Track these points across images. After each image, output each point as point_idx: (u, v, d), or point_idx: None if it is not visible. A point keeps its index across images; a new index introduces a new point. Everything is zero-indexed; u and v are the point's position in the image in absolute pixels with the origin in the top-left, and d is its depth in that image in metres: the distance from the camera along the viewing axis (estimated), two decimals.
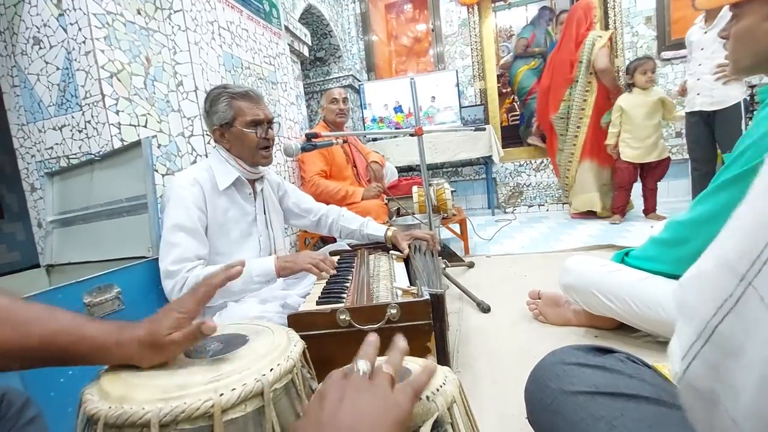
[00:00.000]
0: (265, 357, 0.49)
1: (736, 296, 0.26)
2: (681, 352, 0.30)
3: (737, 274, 0.26)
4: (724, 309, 0.27)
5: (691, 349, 0.29)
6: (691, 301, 0.30)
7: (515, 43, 4.18)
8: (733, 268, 0.26)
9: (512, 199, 3.99)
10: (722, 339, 0.27)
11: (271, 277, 1.11)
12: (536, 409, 0.61)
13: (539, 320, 1.43)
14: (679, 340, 0.31)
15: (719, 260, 0.28)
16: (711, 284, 0.29)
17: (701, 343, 0.28)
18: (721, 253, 0.29)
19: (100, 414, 0.41)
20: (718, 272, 0.28)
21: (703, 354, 0.28)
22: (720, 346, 0.27)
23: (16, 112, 1.55)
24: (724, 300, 0.27)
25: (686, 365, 0.30)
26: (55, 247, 1.50)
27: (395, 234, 1.37)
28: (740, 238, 0.27)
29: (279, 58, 2.51)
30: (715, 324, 0.27)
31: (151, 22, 1.56)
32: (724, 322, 0.27)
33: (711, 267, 0.29)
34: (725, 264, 0.28)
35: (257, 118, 1.21)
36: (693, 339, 0.29)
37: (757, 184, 0.28)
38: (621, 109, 2.83)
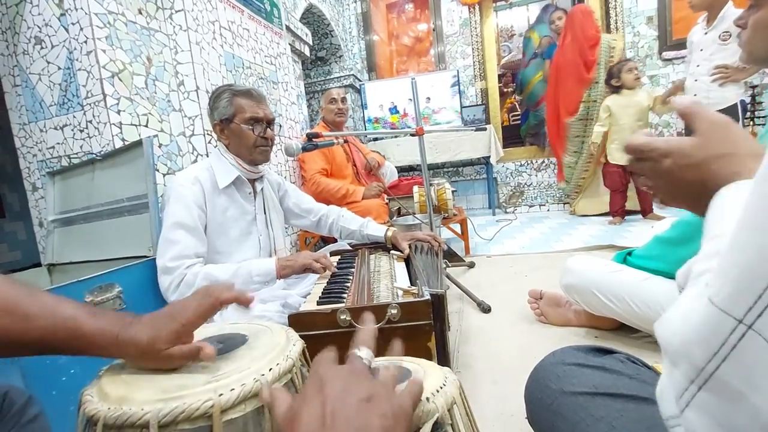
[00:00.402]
0: (264, 357, 0.49)
1: (732, 342, 0.25)
2: (675, 394, 0.29)
3: (733, 317, 0.25)
4: (721, 354, 0.25)
5: (683, 396, 0.28)
6: (680, 344, 0.29)
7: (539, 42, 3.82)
8: (727, 311, 0.25)
9: (513, 199, 3.99)
10: (721, 386, 0.25)
11: (271, 278, 1.11)
12: (536, 410, 0.61)
13: (540, 320, 1.43)
14: (669, 386, 0.30)
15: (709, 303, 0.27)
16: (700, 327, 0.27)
17: (696, 388, 0.27)
18: (710, 294, 0.27)
19: (100, 415, 0.41)
20: (709, 315, 0.26)
21: (699, 400, 0.27)
22: (719, 393, 0.26)
23: (17, 112, 1.55)
24: (720, 345, 0.25)
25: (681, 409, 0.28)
26: (57, 247, 1.50)
27: (395, 234, 1.37)
28: (731, 279, 0.25)
29: (280, 57, 2.51)
30: (711, 370, 0.26)
31: (153, 21, 1.56)
32: (722, 368, 0.25)
33: (698, 308, 0.27)
34: (716, 307, 0.26)
35: (256, 116, 1.21)
36: (686, 384, 0.27)
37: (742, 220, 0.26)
38: (609, 110, 2.81)
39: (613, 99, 2.81)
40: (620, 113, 2.76)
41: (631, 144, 0.45)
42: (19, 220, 3.60)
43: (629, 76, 2.71)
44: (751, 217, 0.25)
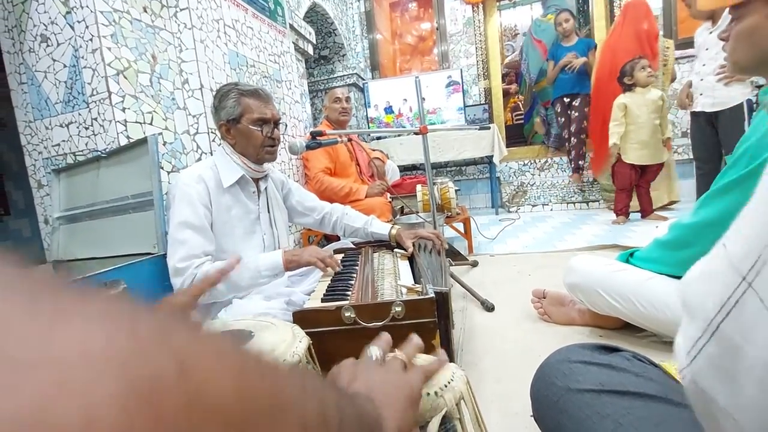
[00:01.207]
0: (271, 353, 0.49)
1: (736, 297, 0.26)
2: (686, 347, 0.31)
3: (740, 274, 0.26)
4: (726, 308, 0.27)
5: (695, 346, 0.30)
6: (696, 298, 0.31)
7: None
8: (737, 268, 0.27)
9: (516, 198, 3.98)
10: (724, 338, 0.27)
11: (279, 271, 1.11)
12: (542, 407, 0.61)
13: (544, 319, 1.42)
14: (684, 336, 0.32)
15: (724, 259, 0.28)
16: (715, 282, 0.29)
17: (705, 339, 0.29)
18: (726, 252, 0.29)
19: None
20: (723, 270, 0.28)
21: (706, 351, 0.29)
22: (722, 345, 0.27)
23: (23, 109, 1.56)
24: (726, 298, 0.27)
25: (690, 360, 0.30)
26: (62, 244, 1.51)
27: (399, 232, 1.37)
28: (743, 238, 0.27)
29: (284, 56, 2.51)
30: (718, 322, 0.27)
31: (157, 19, 1.57)
32: (726, 321, 0.27)
33: (716, 265, 0.29)
34: (729, 263, 0.28)
35: (264, 117, 1.21)
36: (698, 335, 0.29)
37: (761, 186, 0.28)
38: (625, 108, 2.76)
39: (628, 97, 2.76)
40: (638, 111, 2.73)
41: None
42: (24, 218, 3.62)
43: (642, 74, 2.69)
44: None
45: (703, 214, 0.99)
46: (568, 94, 3.50)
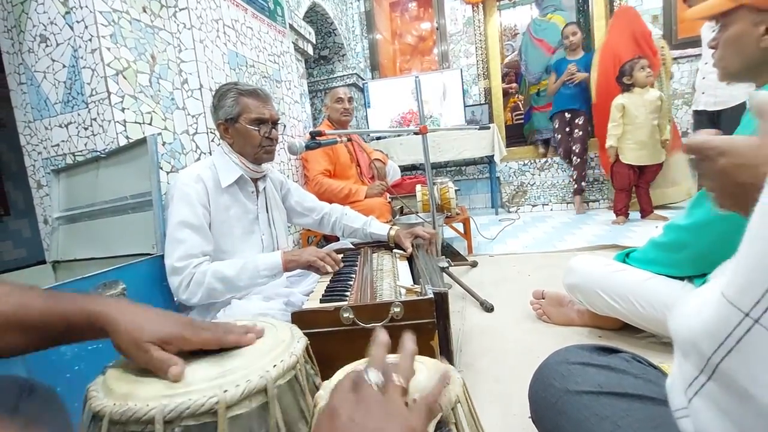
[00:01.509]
0: (269, 353, 0.49)
1: (738, 334, 0.25)
2: (682, 386, 0.29)
3: (739, 310, 0.25)
4: (726, 346, 0.25)
5: (691, 385, 0.28)
6: (687, 334, 0.29)
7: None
8: (735, 305, 0.25)
9: (516, 198, 3.98)
10: (726, 378, 0.26)
11: (278, 271, 1.11)
12: (540, 409, 0.61)
13: (543, 320, 1.42)
14: (679, 373, 0.30)
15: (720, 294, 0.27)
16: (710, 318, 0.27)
17: (704, 378, 0.27)
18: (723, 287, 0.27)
19: (105, 411, 0.41)
20: (719, 307, 0.27)
21: (705, 391, 0.27)
22: (724, 386, 0.26)
23: (22, 110, 1.56)
24: (726, 335, 0.25)
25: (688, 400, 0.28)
26: (61, 244, 1.51)
27: (398, 233, 1.37)
28: (743, 272, 0.26)
29: (283, 56, 2.51)
30: (717, 361, 0.26)
31: (157, 20, 1.56)
32: (727, 360, 0.25)
33: (710, 300, 0.28)
34: (726, 299, 0.26)
35: (262, 117, 1.21)
36: (695, 375, 0.28)
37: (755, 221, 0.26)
38: (623, 108, 2.76)
39: (626, 98, 2.76)
40: (636, 112, 2.72)
41: (691, 143, 0.43)
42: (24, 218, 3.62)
43: (641, 74, 2.69)
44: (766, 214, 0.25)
45: (696, 215, 0.98)
46: (569, 110, 3.41)
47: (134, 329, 0.47)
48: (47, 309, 0.45)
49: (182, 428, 0.40)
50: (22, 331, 0.45)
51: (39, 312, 0.45)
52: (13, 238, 3.55)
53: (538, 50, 3.79)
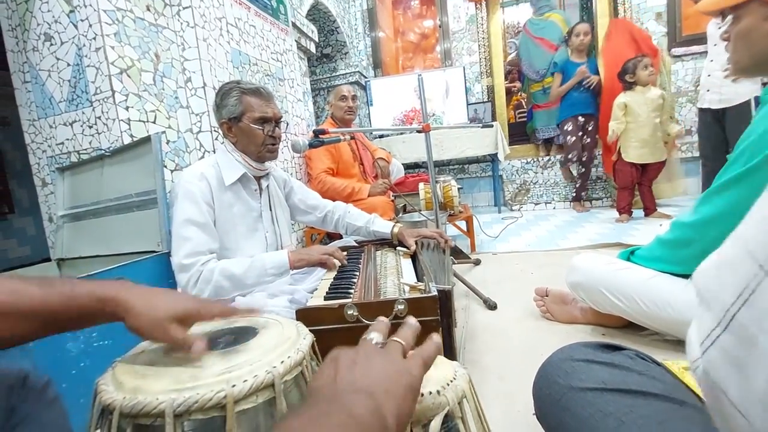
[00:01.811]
0: (276, 349, 0.49)
1: (753, 286, 0.26)
2: (699, 338, 0.30)
3: (757, 261, 0.26)
4: (742, 297, 0.26)
5: (709, 336, 0.29)
6: (711, 288, 0.30)
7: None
8: (754, 257, 0.26)
9: (519, 196, 3.97)
10: (739, 328, 0.27)
11: (284, 270, 1.12)
12: (544, 405, 0.61)
13: (546, 318, 1.42)
14: (698, 326, 0.31)
15: (741, 247, 0.28)
16: (732, 271, 0.28)
17: (720, 330, 0.28)
18: (743, 240, 0.28)
19: (116, 404, 0.41)
20: (740, 259, 0.28)
21: (720, 342, 0.28)
22: (736, 335, 0.27)
23: (27, 108, 1.56)
24: (743, 288, 0.26)
25: (703, 351, 0.29)
26: (66, 241, 1.52)
27: (401, 230, 1.37)
28: (760, 226, 0.27)
29: (286, 54, 2.51)
30: (734, 312, 0.27)
31: (160, 18, 1.57)
32: (742, 310, 0.26)
33: (733, 254, 0.29)
34: (746, 251, 0.27)
35: (265, 116, 1.21)
36: (713, 326, 0.29)
37: None
38: (625, 106, 2.76)
39: (629, 96, 2.76)
40: (637, 110, 2.72)
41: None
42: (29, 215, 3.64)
43: (644, 73, 2.68)
44: None
45: (704, 211, 0.98)
46: (584, 114, 3.26)
47: (150, 309, 0.48)
48: (48, 295, 0.46)
49: (191, 422, 0.41)
50: (22, 318, 0.45)
51: (40, 298, 0.45)
52: (17, 236, 3.57)
53: (539, 48, 3.73)
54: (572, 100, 3.30)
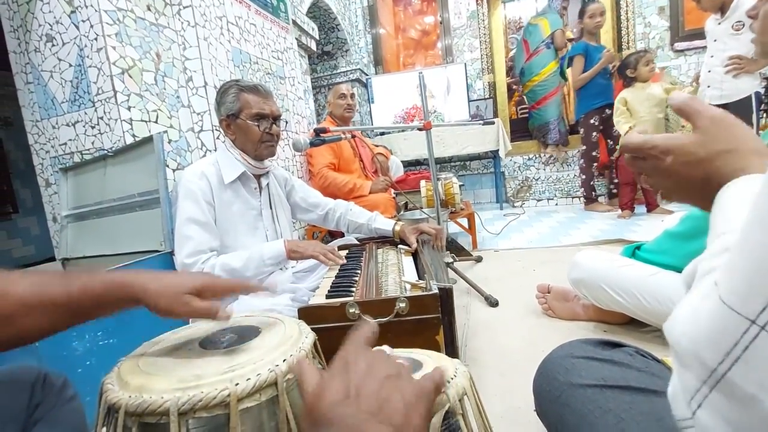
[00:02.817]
0: (278, 348, 0.50)
1: (745, 343, 0.24)
2: (686, 397, 0.28)
3: (745, 318, 0.24)
4: (733, 355, 0.25)
5: (694, 398, 0.27)
6: (690, 344, 0.28)
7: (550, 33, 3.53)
8: (739, 312, 0.24)
9: (521, 193, 3.96)
10: (732, 388, 0.25)
11: (282, 259, 1.14)
12: (544, 402, 0.62)
13: (548, 314, 1.43)
14: (681, 384, 0.29)
15: (718, 301, 0.26)
16: (711, 328, 0.26)
17: (707, 390, 0.26)
18: (721, 293, 0.26)
19: (121, 402, 0.42)
20: (720, 315, 0.25)
21: (711, 402, 0.26)
22: (731, 396, 0.25)
23: (30, 109, 1.57)
24: (732, 345, 0.24)
25: (692, 412, 0.28)
26: (70, 241, 1.53)
27: (403, 228, 1.37)
28: (744, 278, 0.25)
29: (287, 52, 2.51)
30: (723, 372, 0.25)
31: (161, 18, 1.57)
32: (734, 369, 0.25)
33: (708, 308, 0.27)
34: (727, 307, 0.25)
35: (262, 112, 1.22)
36: (697, 386, 0.27)
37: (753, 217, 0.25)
38: (626, 103, 2.75)
39: (629, 92, 2.75)
40: (638, 107, 2.71)
41: (628, 143, 0.44)
42: (33, 215, 3.66)
43: (645, 69, 2.67)
44: (763, 214, 0.25)
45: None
46: (611, 105, 2.89)
47: (168, 287, 0.50)
48: (68, 287, 0.47)
49: (195, 420, 0.41)
50: (45, 311, 0.46)
51: (61, 290, 0.46)
52: (22, 235, 3.59)
53: (521, 52, 3.76)
54: (598, 88, 2.92)
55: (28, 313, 0.44)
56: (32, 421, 0.53)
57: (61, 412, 0.56)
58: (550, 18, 3.64)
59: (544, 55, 3.61)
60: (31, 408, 0.53)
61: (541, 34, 3.61)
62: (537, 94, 3.74)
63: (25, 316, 0.44)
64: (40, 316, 0.45)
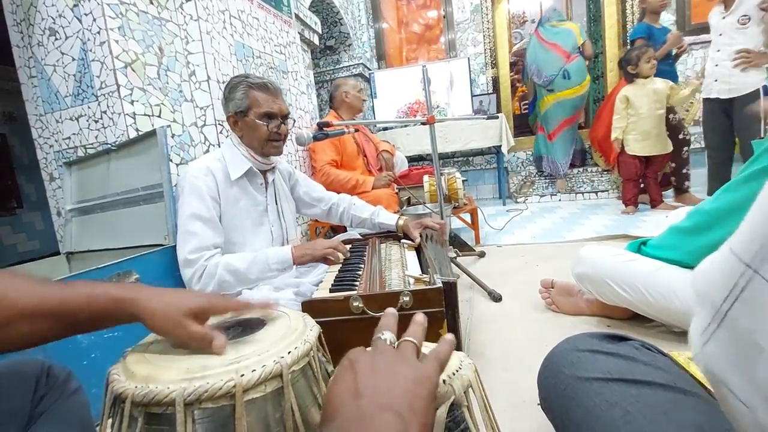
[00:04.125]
0: (283, 340, 0.50)
1: (741, 284, 0.27)
2: (697, 334, 0.32)
3: (743, 261, 0.27)
4: (732, 295, 0.28)
5: (705, 332, 0.31)
6: (704, 287, 0.32)
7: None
8: (740, 257, 0.28)
9: (524, 188, 3.95)
10: (733, 323, 0.28)
11: (288, 265, 1.13)
12: (549, 396, 0.62)
13: (551, 309, 1.42)
14: (695, 324, 0.33)
15: (728, 250, 0.30)
16: (720, 272, 0.30)
17: (714, 325, 0.30)
18: (729, 243, 0.30)
19: (128, 393, 0.42)
20: (727, 260, 0.29)
21: (716, 337, 0.30)
22: (731, 331, 0.29)
23: (33, 103, 1.57)
24: (732, 285, 0.28)
25: (701, 346, 0.31)
26: (75, 235, 1.53)
27: (406, 223, 1.37)
28: (747, 229, 0.29)
29: (289, 46, 2.50)
30: (726, 309, 0.29)
31: (164, 11, 1.56)
32: (734, 307, 0.28)
33: (720, 255, 0.31)
34: (732, 252, 0.29)
35: (271, 111, 1.21)
36: (707, 322, 0.30)
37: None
38: (627, 100, 2.75)
39: (630, 89, 2.75)
40: (639, 103, 2.70)
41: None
42: (37, 210, 3.68)
43: (647, 66, 2.65)
44: None
45: (724, 199, 0.97)
46: None
47: (168, 308, 0.49)
48: (68, 297, 0.47)
49: (201, 410, 0.41)
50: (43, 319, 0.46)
51: (60, 300, 0.46)
52: (26, 230, 3.61)
53: (550, 53, 3.40)
54: (661, 74, 2.74)
55: (29, 321, 0.44)
56: (36, 414, 0.53)
57: (65, 405, 0.56)
58: (581, 26, 3.45)
59: (580, 64, 3.34)
60: (35, 400, 0.54)
61: (575, 38, 3.33)
62: (558, 114, 3.45)
63: (25, 323, 0.44)
64: (38, 324, 0.45)
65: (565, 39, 3.38)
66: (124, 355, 0.50)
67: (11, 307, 0.43)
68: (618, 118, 2.79)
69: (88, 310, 0.47)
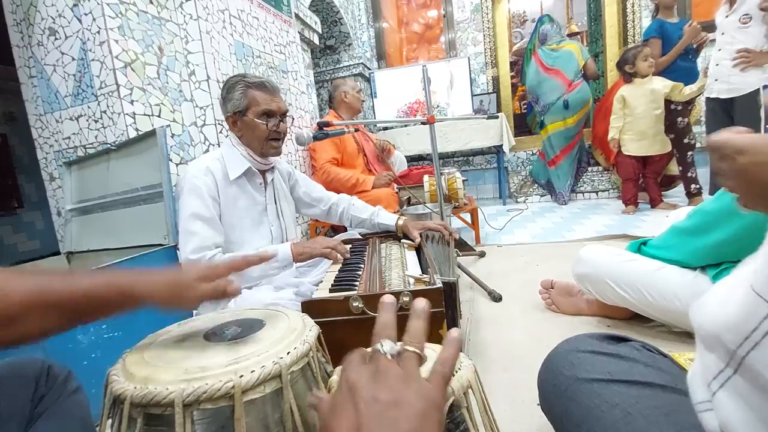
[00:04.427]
0: (282, 341, 0.50)
1: (765, 328, 0.24)
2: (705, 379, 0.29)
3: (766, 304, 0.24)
4: (753, 339, 0.25)
5: (717, 378, 0.28)
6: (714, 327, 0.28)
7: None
8: (764, 298, 0.25)
9: (524, 188, 3.94)
10: (753, 371, 0.25)
11: (288, 263, 1.13)
12: (549, 396, 0.62)
13: (551, 310, 1.42)
14: (702, 366, 0.30)
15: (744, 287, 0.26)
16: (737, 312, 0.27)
17: (730, 371, 0.27)
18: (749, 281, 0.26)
19: (127, 393, 0.42)
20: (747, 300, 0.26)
21: (731, 385, 0.27)
22: (751, 380, 0.25)
23: (33, 103, 1.57)
24: (752, 329, 0.25)
25: (712, 394, 0.28)
26: (75, 235, 1.53)
27: (406, 223, 1.37)
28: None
29: (289, 46, 2.49)
30: (743, 354, 0.26)
31: (163, 11, 1.56)
32: (753, 353, 0.25)
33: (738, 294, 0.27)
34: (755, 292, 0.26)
35: (270, 109, 1.21)
36: (720, 367, 0.28)
37: None
38: (623, 100, 2.75)
39: (627, 89, 2.75)
40: (635, 102, 2.70)
41: (711, 141, 0.41)
42: (37, 210, 3.68)
43: (644, 65, 2.65)
44: None
45: (725, 199, 0.97)
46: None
47: (174, 279, 0.51)
48: (71, 287, 0.47)
49: (200, 411, 0.41)
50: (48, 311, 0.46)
51: (64, 291, 0.46)
52: (27, 230, 3.62)
53: (552, 81, 3.27)
54: (678, 72, 2.57)
55: (30, 314, 0.44)
56: (36, 414, 0.53)
57: (65, 404, 0.56)
58: (581, 45, 3.34)
59: (581, 93, 3.22)
60: (35, 400, 0.54)
61: (576, 62, 3.21)
62: (560, 142, 3.38)
63: (26, 317, 0.44)
64: (42, 317, 0.45)
65: (566, 63, 3.23)
66: (123, 356, 0.50)
67: (15, 302, 0.44)
68: (615, 118, 2.80)
69: (94, 300, 0.48)
